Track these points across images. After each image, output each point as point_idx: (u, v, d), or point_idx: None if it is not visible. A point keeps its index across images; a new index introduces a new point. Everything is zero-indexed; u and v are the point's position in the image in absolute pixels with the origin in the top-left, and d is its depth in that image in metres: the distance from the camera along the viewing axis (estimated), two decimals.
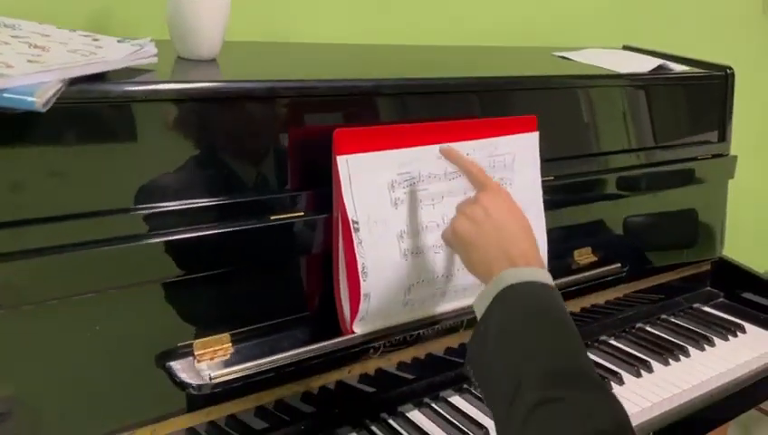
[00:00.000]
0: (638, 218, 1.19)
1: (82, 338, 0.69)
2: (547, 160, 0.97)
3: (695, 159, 1.26)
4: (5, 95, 0.56)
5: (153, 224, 0.71)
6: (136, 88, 0.69)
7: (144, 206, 0.70)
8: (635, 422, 0.95)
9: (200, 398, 0.75)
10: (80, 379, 0.69)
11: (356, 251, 0.77)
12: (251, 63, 0.92)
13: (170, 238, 0.71)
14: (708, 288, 1.34)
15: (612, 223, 1.15)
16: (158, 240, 0.70)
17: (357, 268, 0.78)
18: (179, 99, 0.72)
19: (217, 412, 0.78)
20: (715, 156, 1.30)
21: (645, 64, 1.21)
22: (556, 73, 1.12)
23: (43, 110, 0.58)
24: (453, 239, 0.76)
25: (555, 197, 1.00)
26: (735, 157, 1.31)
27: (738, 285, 1.31)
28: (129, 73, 0.71)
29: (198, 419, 0.77)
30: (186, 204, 0.72)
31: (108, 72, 0.69)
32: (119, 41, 0.76)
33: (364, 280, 0.78)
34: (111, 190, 0.69)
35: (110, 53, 0.70)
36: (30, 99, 0.56)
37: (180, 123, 0.72)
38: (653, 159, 1.20)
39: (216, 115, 0.75)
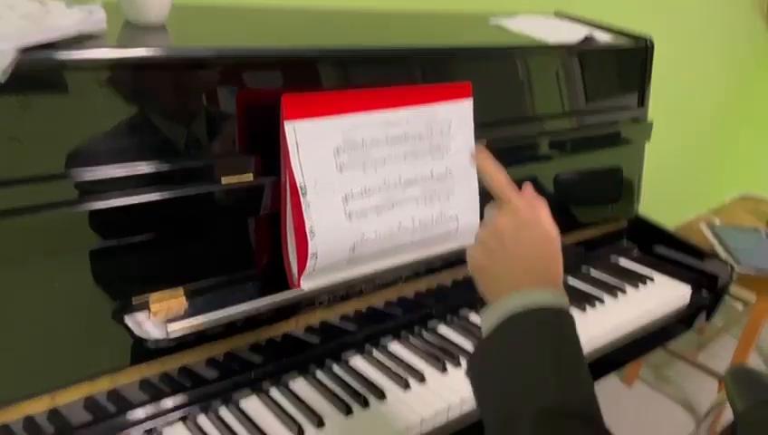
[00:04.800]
0: (565, 178, 1.29)
1: (43, 295, 0.72)
2: (482, 125, 1.04)
3: (616, 122, 1.36)
4: None
5: (107, 187, 0.74)
6: (88, 55, 0.71)
7: (94, 169, 0.73)
8: None
9: (157, 349, 0.80)
10: (40, 333, 0.73)
11: (304, 214, 0.82)
12: (200, 29, 0.94)
13: (127, 200, 0.74)
14: (624, 242, 1.46)
15: (542, 183, 1.24)
16: (115, 202, 0.74)
17: (305, 230, 0.83)
18: (131, 65, 0.74)
19: (171, 363, 0.83)
20: (634, 120, 1.40)
21: (574, 34, 1.29)
22: (491, 44, 1.17)
23: (2, 80, 0.60)
24: (469, 267, 0.70)
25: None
26: (651, 123, 1.42)
27: (651, 240, 1.44)
28: (79, 39, 0.72)
29: (155, 368, 0.82)
30: (142, 168, 0.76)
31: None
32: (67, 5, 0.76)
33: (311, 240, 0.83)
34: (67, 154, 0.72)
35: (61, 19, 0.71)
36: None
37: (137, 89, 0.75)
38: (579, 123, 1.29)
39: (170, 81, 0.77)
